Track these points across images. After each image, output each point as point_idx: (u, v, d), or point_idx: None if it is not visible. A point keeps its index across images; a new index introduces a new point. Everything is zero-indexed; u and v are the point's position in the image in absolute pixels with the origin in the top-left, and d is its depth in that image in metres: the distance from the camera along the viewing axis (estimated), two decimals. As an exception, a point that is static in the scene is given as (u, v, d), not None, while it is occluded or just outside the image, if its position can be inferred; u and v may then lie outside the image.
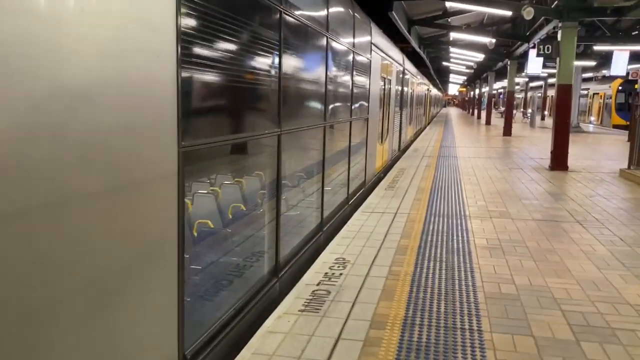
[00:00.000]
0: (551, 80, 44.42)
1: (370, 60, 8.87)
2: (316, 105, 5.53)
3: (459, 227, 6.39)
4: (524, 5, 11.13)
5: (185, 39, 2.52)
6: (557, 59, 11.49)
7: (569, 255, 5.27)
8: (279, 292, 4.41)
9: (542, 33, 14.96)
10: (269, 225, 4.35)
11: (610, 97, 34.65)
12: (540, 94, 45.39)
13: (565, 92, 11.57)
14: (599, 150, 16.91)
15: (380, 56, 10.04)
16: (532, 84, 47.98)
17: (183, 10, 2.48)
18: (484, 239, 5.86)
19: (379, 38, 9.82)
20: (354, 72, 7.28)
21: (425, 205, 7.78)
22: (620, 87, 33.87)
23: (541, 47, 11.66)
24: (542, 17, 16.02)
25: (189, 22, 2.60)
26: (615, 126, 32.60)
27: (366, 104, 8.80)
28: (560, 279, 4.57)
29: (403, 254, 5.21)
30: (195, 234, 3.58)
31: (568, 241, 5.82)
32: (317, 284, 4.28)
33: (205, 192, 3.88)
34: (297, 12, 4.52)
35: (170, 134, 2.43)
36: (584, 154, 15.34)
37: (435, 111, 55.59)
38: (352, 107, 7.36)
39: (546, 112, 41.65)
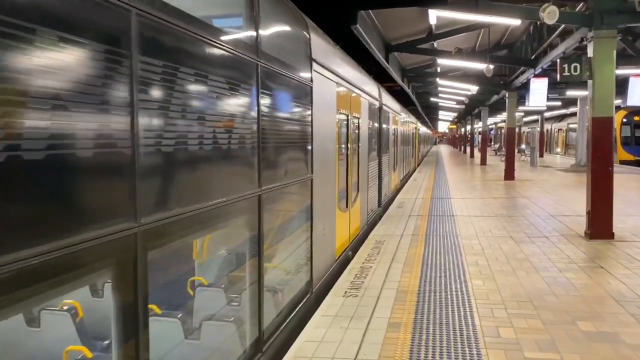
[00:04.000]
0: (548, 114, 41.76)
1: (311, 87, 5.44)
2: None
3: None
4: (540, 7, 7.82)
5: None
6: (590, 83, 8.15)
7: None
8: None
9: (557, 53, 11.70)
10: None
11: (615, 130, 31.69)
12: (535, 129, 42.62)
13: (604, 129, 8.18)
14: (629, 198, 13.41)
15: (332, 81, 6.64)
16: (525, 119, 45.32)
17: None
18: None
19: (326, 52, 6.44)
20: (259, 102, 3.81)
21: (408, 340, 4.20)
22: (625, 119, 31.15)
23: (565, 66, 8.30)
24: (553, 36, 12.84)
25: None
26: (623, 162, 29.55)
27: (304, 157, 5.33)
28: None
29: None
30: None
31: None
32: None
33: None
34: None
35: None
36: (616, 206, 11.87)
37: (425, 150, 52.59)
38: (260, 167, 3.84)
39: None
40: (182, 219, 2.66)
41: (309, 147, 5.43)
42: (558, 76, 8.36)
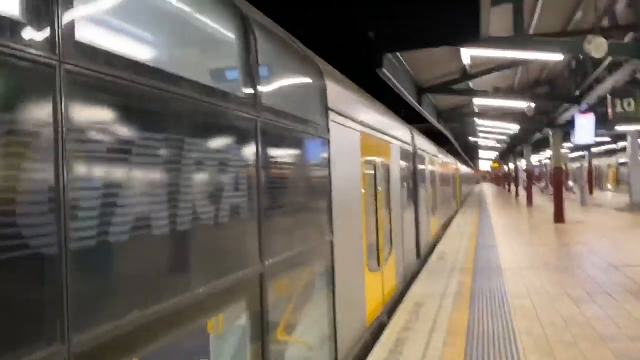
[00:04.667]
0: (595, 149, 39.88)
1: (328, 138, 4.83)
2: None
3: None
4: (584, 40, 7.07)
5: None
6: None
7: None
8: None
9: (604, 88, 10.80)
10: None
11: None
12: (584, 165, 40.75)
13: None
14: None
15: (355, 130, 6.03)
16: (571, 155, 43.52)
17: None
18: None
19: (347, 99, 5.87)
20: (259, 163, 3.21)
21: None
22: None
23: (617, 103, 7.46)
24: (599, 70, 11.96)
25: None
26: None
27: (322, 218, 4.66)
28: None
29: None
30: None
31: None
32: None
33: None
34: None
35: None
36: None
37: (468, 191, 51.05)
38: (262, 239, 3.19)
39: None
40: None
41: (327, 206, 4.77)
42: (610, 113, 7.52)
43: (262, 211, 3.21)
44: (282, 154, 3.73)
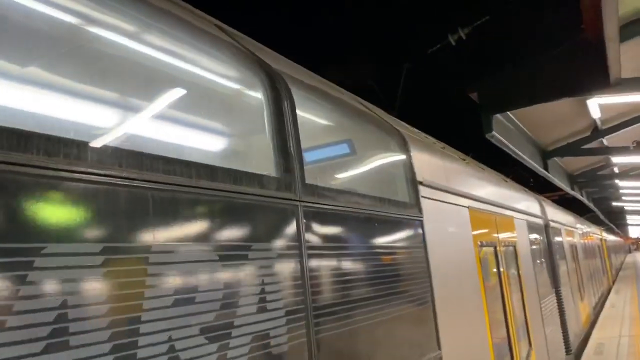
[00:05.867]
0: None
1: (421, 219, 3.82)
2: None
3: None
4: None
5: None
6: None
7: None
8: None
9: None
10: None
11: None
12: None
13: None
14: None
15: (459, 206, 4.93)
16: None
17: None
18: None
19: (445, 170, 4.84)
20: (306, 263, 2.33)
21: None
22: None
23: None
24: None
25: None
26: None
27: (417, 327, 3.53)
28: None
29: None
30: None
31: None
32: None
33: None
34: None
35: None
36: None
37: (618, 262, 44.85)
38: None
39: None
40: None
41: (426, 307, 3.66)
42: None
43: (312, 329, 2.30)
44: (343, 248, 2.81)
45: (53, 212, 1.34)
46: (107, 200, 1.48)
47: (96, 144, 1.51)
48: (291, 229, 2.31)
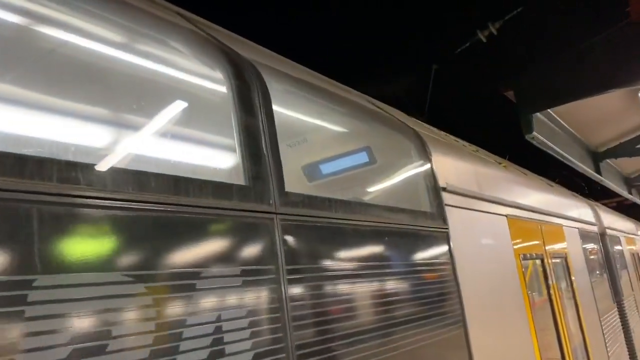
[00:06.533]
0: None
1: (446, 230, 3.30)
2: None
3: None
4: None
5: None
6: None
7: None
8: None
9: None
10: None
11: None
12: None
13: None
14: None
15: (494, 214, 4.36)
16: None
17: None
18: None
19: (475, 174, 4.30)
20: (285, 289, 1.90)
21: None
22: None
23: None
24: None
25: None
26: None
27: (446, 346, 3.00)
28: None
29: None
30: None
31: None
32: None
33: None
34: None
35: None
36: None
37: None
38: None
39: None
40: None
41: (456, 334, 3.12)
42: None
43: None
44: (339, 265, 2.35)
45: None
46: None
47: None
48: (264, 248, 1.88)
